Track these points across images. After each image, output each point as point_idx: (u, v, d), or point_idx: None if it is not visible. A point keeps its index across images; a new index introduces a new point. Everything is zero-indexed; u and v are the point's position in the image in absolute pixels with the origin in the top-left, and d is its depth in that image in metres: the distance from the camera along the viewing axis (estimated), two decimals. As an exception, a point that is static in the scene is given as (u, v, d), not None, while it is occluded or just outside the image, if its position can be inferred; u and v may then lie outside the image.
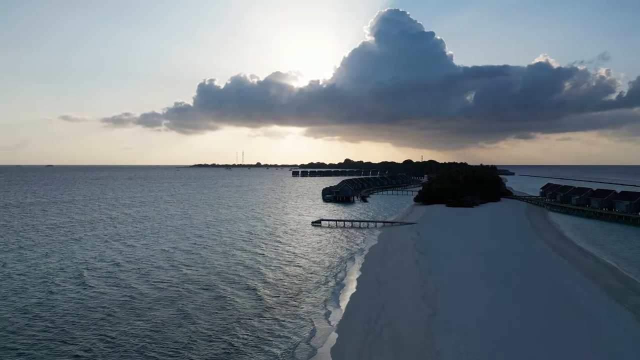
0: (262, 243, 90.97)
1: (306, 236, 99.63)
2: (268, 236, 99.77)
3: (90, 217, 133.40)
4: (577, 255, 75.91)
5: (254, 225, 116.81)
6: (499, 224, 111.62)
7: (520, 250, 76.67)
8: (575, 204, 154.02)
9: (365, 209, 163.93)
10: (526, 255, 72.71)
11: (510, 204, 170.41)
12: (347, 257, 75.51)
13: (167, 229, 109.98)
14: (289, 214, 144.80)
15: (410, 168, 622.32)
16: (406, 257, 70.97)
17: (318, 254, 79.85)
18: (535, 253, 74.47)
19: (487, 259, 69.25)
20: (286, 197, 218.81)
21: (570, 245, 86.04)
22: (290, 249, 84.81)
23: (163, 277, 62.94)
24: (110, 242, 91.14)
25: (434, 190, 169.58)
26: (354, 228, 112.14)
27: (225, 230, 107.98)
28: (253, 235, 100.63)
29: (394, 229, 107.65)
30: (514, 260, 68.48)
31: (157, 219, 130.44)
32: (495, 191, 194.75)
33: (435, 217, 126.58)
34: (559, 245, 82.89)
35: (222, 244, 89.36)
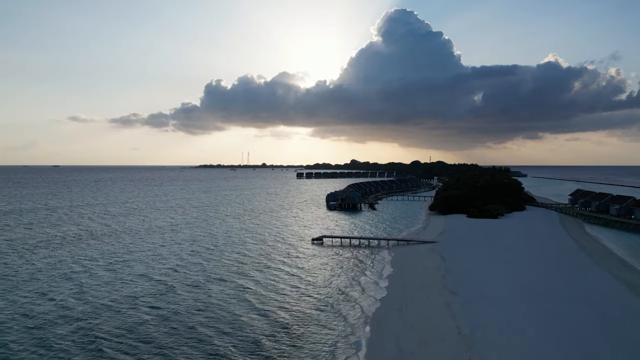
0: (248, 275, 73.18)
1: (303, 261, 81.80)
2: (258, 262, 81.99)
3: (62, 231, 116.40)
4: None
5: (246, 244, 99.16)
6: (538, 242, 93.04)
7: (583, 289, 58.10)
8: (616, 214, 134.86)
9: (374, 219, 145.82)
10: (596, 298, 54.17)
11: (539, 214, 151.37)
12: (352, 302, 57.29)
13: (145, 249, 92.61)
14: (289, 226, 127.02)
15: (418, 169, 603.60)
16: (434, 302, 52.82)
17: (311, 297, 61.89)
18: (606, 294, 55.97)
19: (547, 307, 50.80)
20: (288, 204, 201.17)
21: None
22: (281, 286, 66.91)
23: (113, 328, 45.48)
24: (68, 268, 73.85)
25: (452, 198, 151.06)
26: (361, 247, 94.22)
27: (210, 253, 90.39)
28: (242, 261, 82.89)
29: (410, 249, 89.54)
30: (586, 311, 49.77)
31: (139, 234, 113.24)
32: (519, 198, 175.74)
33: (458, 232, 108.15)
34: (631, 280, 64.11)
35: (201, 273, 71.74)
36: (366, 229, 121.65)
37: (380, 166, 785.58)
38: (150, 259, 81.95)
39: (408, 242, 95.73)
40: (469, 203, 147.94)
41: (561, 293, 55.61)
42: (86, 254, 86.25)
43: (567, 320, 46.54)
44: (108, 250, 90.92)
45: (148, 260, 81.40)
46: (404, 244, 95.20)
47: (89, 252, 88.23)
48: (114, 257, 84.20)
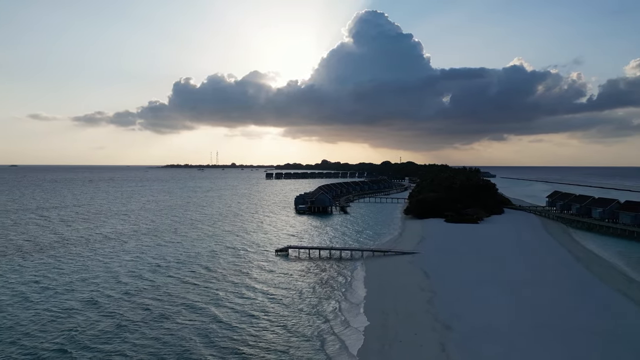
0: (194, 304, 60.00)
1: (263, 279, 69.14)
2: (209, 285, 68.78)
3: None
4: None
5: (199, 258, 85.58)
6: (530, 254, 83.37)
7: (603, 318, 47.69)
8: (599, 218, 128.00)
9: (345, 223, 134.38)
10: (622, 332, 43.92)
11: (519, 217, 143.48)
12: (321, 341, 45.17)
13: (81, 263, 77.80)
14: (253, 234, 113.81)
15: (389, 169, 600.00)
16: (425, 341, 41.18)
17: (265, 333, 49.47)
18: (631, 325, 45.78)
19: (571, 346, 40.18)
20: (254, 207, 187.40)
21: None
22: (233, 318, 54.13)
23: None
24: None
25: (428, 201, 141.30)
26: (332, 259, 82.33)
27: (154, 272, 76.44)
28: (190, 282, 69.45)
29: (387, 262, 78.22)
30: (620, 353, 39.44)
31: (80, 244, 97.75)
32: (496, 200, 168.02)
33: (438, 240, 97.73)
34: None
35: (135, 303, 58.08)
36: (337, 236, 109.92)
37: (351, 166, 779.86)
38: (80, 278, 67.44)
39: (384, 253, 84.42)
40: (446, 206, 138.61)
41: (579, 324, 45.09)
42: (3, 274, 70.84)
43: (582, 351, 35.84)
44: (30, 265, 75.62)
45: (76, 278, 66.87)
46: (380, 255, 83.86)
47: (5, 267, 72.76)
48: (35, 274, 69.18)
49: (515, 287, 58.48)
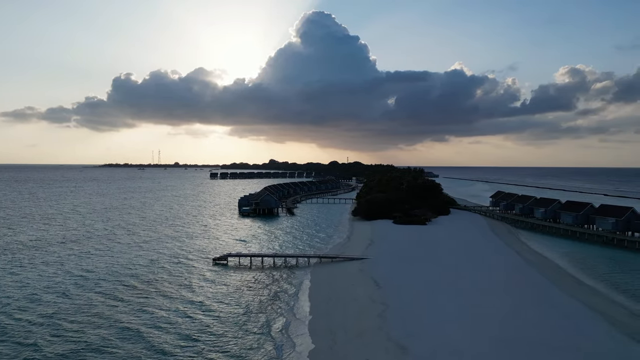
0: (117, 322, 51.38)
1: (199, 293, 61.39)
2: (138, 299, 60.09)
3: None
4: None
5: (131, 268, 75.99)
6: (480, 258, 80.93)
7: (566, 330, 44.39)
8: (541, 218, 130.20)
9: (292, 226, 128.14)
10: (585, 345, 40.73)
11: (465, 217, 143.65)
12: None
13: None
14: (192, 240, 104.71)
15: (337, 169, 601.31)
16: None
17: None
18: (591, 336, 42.81)
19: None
20: (195, 209, 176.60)
21: (614, 305, 56.42)
22: (163, 341, 46.30)
23: None
24: None
25: (377, 202, 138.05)
26: (275, 268, 75.79)
27: (77, 284, 66.32)
28: (121, 295, 60.34)
29: (335, 269, 72.84)
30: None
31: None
32: (442, 201, 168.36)
33: (388, 243, 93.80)
34: (605, 311, 52.34)
35: (58, 320, 48.59)
36: (283, 241, 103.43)
37: (299, 166, 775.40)
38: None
39: (332, 259, 79.01)
40: (395, 207, 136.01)
41: (543, 338, 41.44)
42: None
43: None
44: None
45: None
46: (328, 262, 78.37)
47: None
48: None
49: (471, 295, 54.80)
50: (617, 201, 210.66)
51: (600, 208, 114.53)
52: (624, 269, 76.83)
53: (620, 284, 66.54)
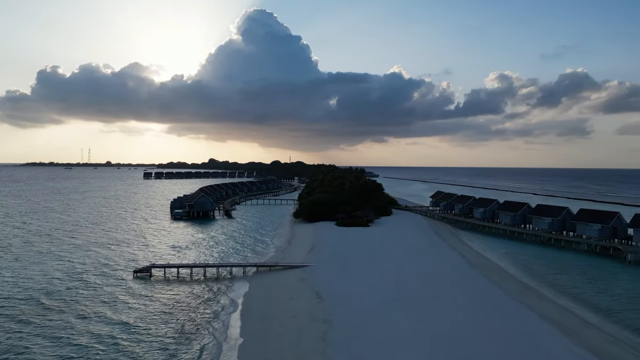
0: (27, 343, 41.62)
1: (115, 312, 52.45)
2: (49, 317, 50.08)
3: None
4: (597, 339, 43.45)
5: (43, 283, 64.78)
6: (426, 262, 77.77)
7: (525, 345, 41.07)
8: (480, 218, 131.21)
9: (229, 230, 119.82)
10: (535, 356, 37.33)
11: (407, 218, 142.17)
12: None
13: None
14: (116, 247, 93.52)
15: (279, 169, 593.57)
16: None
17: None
18: (550, 351, 39.58)
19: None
20: (124, 213, 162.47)
21: (554, 305, 54.37)
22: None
23: None
24: None
25: (319, 203, 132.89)
26: (207, 280, 67.96)
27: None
28: (25, 317, 49.94)
29: (274, 279, 66.30)
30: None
31: None
32: (384, 201, 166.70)
33: (331, 247, 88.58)
34: (556, 318, 49.92)
35: None
36: (218, 247, 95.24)
37: (240, 166, 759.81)
38: None
39: (270, 268, 72.38)
40: (337, 208, 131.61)
41: (506, 357, 37.47)
42: None
43: None
44: None
45: None
46: (266, 271, 71.70)
47: None
48: None
49: (422, 306, 50.47)
50: (545, 200, 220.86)
51: (537, 208, 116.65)
52: (563, 270, 76.78)
53: (564, 287, 65.57)
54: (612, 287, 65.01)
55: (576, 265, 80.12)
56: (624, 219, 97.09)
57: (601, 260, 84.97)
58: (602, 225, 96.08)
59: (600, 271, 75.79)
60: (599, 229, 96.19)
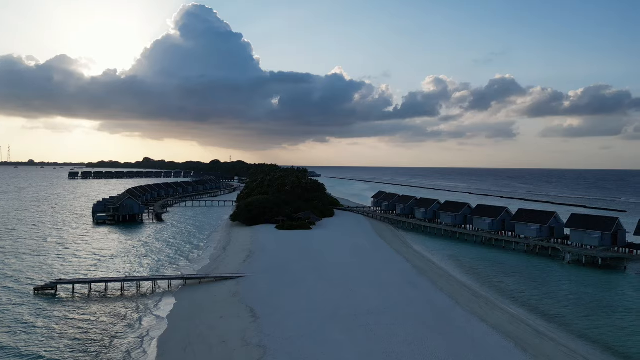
0: None
1: (10, 340, 42.68)
2: None
3: None
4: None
5: None
6: (367, 263, 73.28)
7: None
8: (422, 218, 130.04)
9: (157, 236, 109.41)
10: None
11: (349, 219, 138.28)
12: None
13: None
14: (22, 258, 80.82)
15: (219, 169, 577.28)
16: None
17: None
18: None
19: None
20: (40, 217, 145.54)
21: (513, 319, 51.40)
22: None
23: None
24: None
25: (258, 205, 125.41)
26: (124, 297, 58.96)
27: None
28: None
29: (204, 293, 58.57)
30: None
31: None
32: (327, 202, 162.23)
33: (270, 254, 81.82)
34: (510, 330, 46.67)
35: None
36: (142, 256, 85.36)
37: (178, 165, 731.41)
38: None
39: (200, 281, 64.50)
40: (278, 210, 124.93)
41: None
42: None
43: None
44: None
45: None
46: (195, 284, 63.76)
47: None
48: None
49: (371, 322, 45.22)
50: (480, 199, 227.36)
51: (477, 208, 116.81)
52: (506, 272, 75.39)
53: (510, 291, 63.56)
54: (556, 291, 63.79)
55: (518, 267, 79.22)
56: (560, 219, 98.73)
57: (541, 260, 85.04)
58: (540, 225, 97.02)
59: (543, 273, 75.15)
60: (537, 229, 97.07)
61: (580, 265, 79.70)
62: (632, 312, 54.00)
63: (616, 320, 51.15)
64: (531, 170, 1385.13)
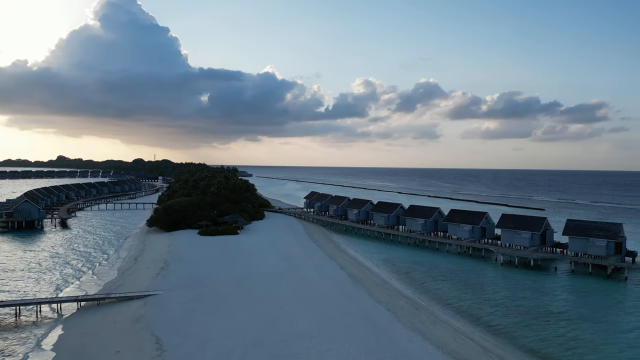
0: None
1: None
2: None
3: None
4: None
5: None
6: (300, 273, 66.46)
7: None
8: (355, 220, 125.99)
9: (58, 245, 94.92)
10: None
11: (280, 222, 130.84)
12: None
13: None
14: None
15: (142, 168, 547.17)
16: None
17: None
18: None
19: None
20: None
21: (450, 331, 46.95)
22: None
23: None
24: None
25: (178, 209, 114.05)
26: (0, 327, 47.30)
27: None
28: None
29: (101, 318, 48.44)
30: None
31: None
32: (257, 204, 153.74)
33: (189, 265, 72.29)
34: (452, 347, 41.93)
35: None
36: (35, 273, 72.00)
37: (96, 164, 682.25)
38: None
39: (99, 303, 53.96)
40: (201, 214, 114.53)
41: None
42: None
43: None
44: None
45: None
46: (93, 306, 53.19)
47: None
48: None
49: (302, 350, 38.27)
50: (410, 199, 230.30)
51: (410, 209, 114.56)
52: (442, 276, 72.35)
53: (448, 299, 59.92)
54: (494, 297, 61.07)
55: (453, 270, 76.59)
56: (491, 219, 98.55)
57: (474, 262, 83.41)
58: (472, 225, 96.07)
59: (478, 276, 72.92)
60: (469, 229, 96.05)
61: (513, 267, 78.77)
62: (571, 318, 52.05)
63: (559, 328, 48.64)
64: (453, 170, 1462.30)
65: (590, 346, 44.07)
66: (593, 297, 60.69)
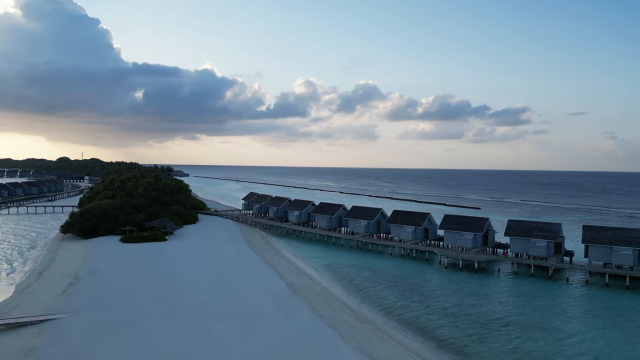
0: None
1: None
2: None
3: None
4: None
5: None
6: (235, 286, 59.44)
7: None
8: (296, 222, 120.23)
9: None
10: None
11: (216, 225, 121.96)
12: None
13: None
14: None
15: (67, 167, 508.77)
16: None
17: None
18: None
19: None
20: None
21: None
22: None
23: None
24: None
25: (97, 213, 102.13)
26: None
27: None
28: None
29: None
30: None
31: None
32: (190, 206, 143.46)
33: (104, 279, 62.68)
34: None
35: None
36: None
37: (15, 163, 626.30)
38: None
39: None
40: (125, 218, 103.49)
41: None
42: None
43: None
44: None
45: None
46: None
47: None
48: None
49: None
50: (351, 198, 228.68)
51: (352, 210, 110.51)
52: (386, 282, 68.30)
53: (395, 309, 55.56)
54: (442, 304, 57.66)
55: (398, 275, 72.94)
56: (434, 220, 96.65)
57: (419, 265, 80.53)
58: (415, 227, 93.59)
59: (423, 281, 69.72)
60: (412, 230, 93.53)
61: (457, 269, 76.57)
62: (522, 327, 49.48)
63: (512, 340, 45.61)
64: (391, 169, 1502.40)
65: (543, 356, 41.32)
66: (539, 302, 59.02)
